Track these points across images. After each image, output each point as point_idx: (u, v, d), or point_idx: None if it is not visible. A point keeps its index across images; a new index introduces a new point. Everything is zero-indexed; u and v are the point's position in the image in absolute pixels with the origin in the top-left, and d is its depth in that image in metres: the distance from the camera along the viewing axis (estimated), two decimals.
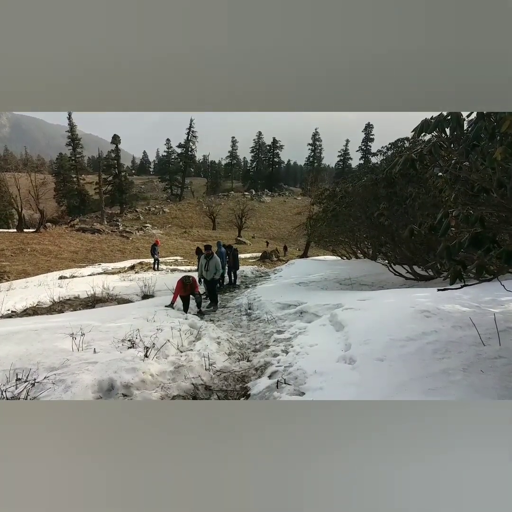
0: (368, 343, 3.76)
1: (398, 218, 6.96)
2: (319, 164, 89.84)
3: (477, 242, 2.28)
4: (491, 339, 3.10)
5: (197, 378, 3.99)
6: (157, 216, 58.20)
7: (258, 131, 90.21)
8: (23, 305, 9.48)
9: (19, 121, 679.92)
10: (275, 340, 5.24)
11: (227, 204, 59.71)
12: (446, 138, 2.83)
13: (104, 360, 3.99)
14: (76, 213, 55.40)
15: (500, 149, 2.12)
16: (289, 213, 62.36)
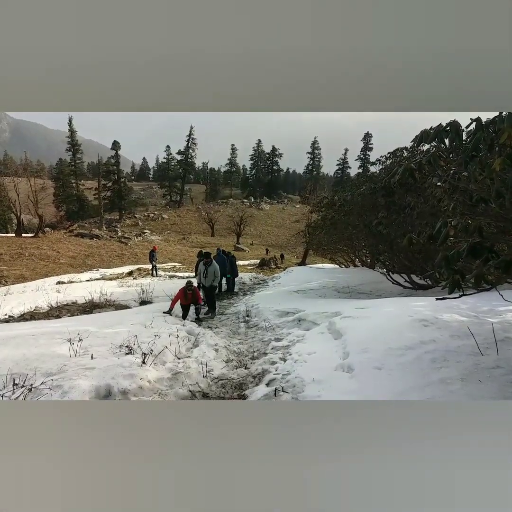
0: (366, 351, 3.76)
1: (396, 227, 6.98)
2: (318, 172, 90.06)
3: (475, 251, 2.29)
4: (489, 349, 3.10)
5: (194, 385, 3.97)
6: (156, 222, 58.17)
7: (257, 139, 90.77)
8: (20, 310, 9.44)
9: (19, 126, 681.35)
10: (273, 348, 5.22)
11: (226, 211, 59.69)
12: (445, 148, 2.85)
13: (102, 366, 3.97)
14: (75, 218, 55.43)
15: (498, 160, 2.14)
16: (287, 220, 62.42)
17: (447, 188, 2.95)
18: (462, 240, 2.45)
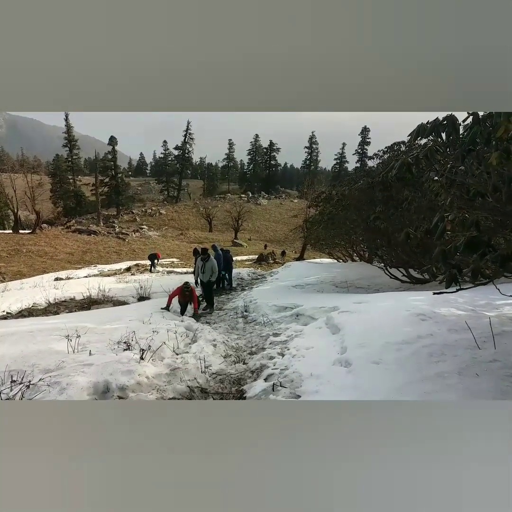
0: (364, 346, 3.77)
1: (394, 222, 6.98)
2: (316, 167, 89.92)
3: (472, 246, 2.29)
4: (486, 343, 3.11)
5: (193, 380, 3.98)
6: (153, 218, 58.03)
7: (255, 134, 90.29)
8: (18, 307, 9.42)
9: (16, 122, 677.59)
10: (271, 343, 5.24)
11: (224, 206, 59.64)
12: (442, 143, 2.84)
13: (100, 362, 3.97)
14: (72, 214, 55.26)
15: (495, 154, 2.14)
16: (285, 215, 62.44)
17: (444, 183, 2.94)
18: (459, 234, 2.44)
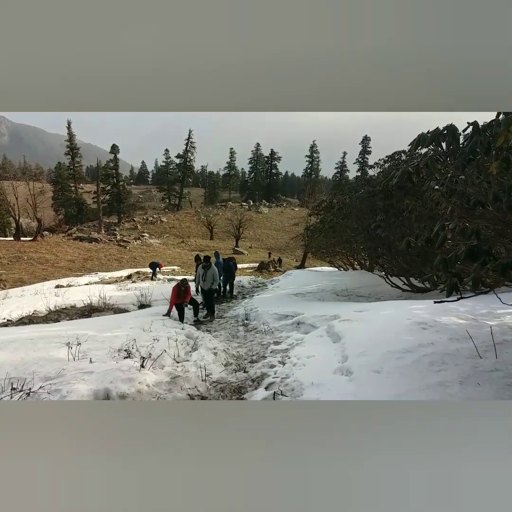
0: (365, 354, 3.76)
1: (395, 230, 7.00)
2: (317, 175, 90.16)
3: (473, 254, 2.30)
4: (487, 352, 3.10)
5: (193, 389, 3.97)
6: (154, 226, 58.11)
7: (256, 143, 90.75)
8: (19, 314, 9.41)
9: (18, 130, 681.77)
10: (272, 351, 5.22)
11: (225, 214, 59.71)
12: (442, 152, 2.86)
13: (100, 370, 3.96)
14: (74, 222, 55.37)
15: (495, 163, 2.16)
16: (286, 223, 62.46)
17: (444, 192, 2.96)
18: (460, 243, 2.45)
